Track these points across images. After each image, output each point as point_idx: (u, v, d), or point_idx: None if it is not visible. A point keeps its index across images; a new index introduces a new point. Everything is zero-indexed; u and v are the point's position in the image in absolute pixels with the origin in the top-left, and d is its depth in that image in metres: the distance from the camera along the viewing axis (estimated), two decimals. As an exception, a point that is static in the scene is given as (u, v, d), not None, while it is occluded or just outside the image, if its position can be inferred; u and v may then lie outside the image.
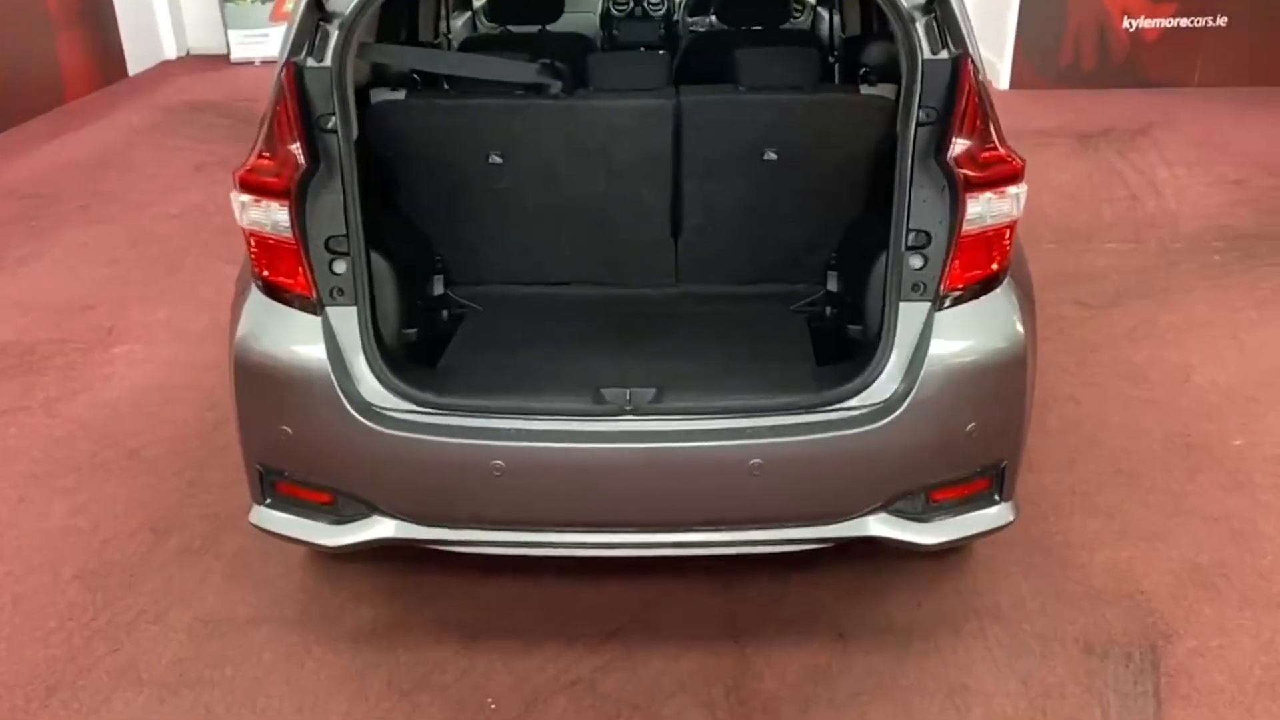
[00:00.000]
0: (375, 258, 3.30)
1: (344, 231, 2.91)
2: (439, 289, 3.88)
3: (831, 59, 4.75)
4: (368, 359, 2.93)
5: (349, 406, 2.88)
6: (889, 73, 3.92)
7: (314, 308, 2.93)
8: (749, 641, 3.34)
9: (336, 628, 3.45)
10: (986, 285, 2.94)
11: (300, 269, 2.92)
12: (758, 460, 2.81)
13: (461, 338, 3.68)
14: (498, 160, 3.56)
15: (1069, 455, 4.27)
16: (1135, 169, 7.99)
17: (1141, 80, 10.35)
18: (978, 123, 2.86)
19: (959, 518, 3.04)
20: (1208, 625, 3.40)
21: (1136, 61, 10.40)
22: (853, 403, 2.89)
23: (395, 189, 3.71)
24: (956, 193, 2.84)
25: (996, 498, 3.08)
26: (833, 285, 3.83)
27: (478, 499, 2.91)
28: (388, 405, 2.92)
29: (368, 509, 3.01)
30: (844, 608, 3.47)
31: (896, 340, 2.90)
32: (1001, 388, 2.95)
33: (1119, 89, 10.28)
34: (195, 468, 4.31)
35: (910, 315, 2.91)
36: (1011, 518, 3.07)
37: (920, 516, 3.01)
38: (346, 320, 2.94)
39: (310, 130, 2.86)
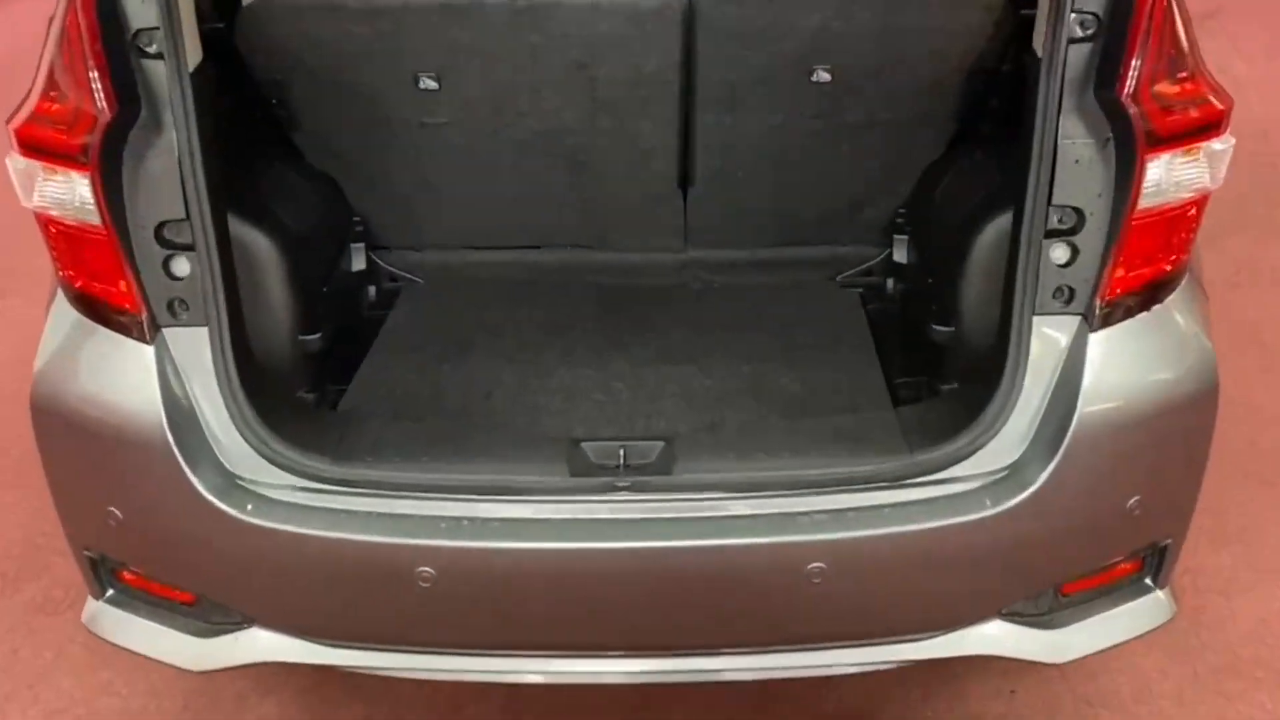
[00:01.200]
0: (252, 235, 2.28)
1: (183, 214, 1.89)
2: (359, 262, 2.85)
3: None
4: (229, 408, 1.94)
5: (198, 483, 1.90)
6: None
7: (143, 330, 1.93)
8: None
9: (232, 731, 2.56)
10: (1160, 289, 1.95)
11: (119, 273, 1.91)
12: (819, 564, 1.86)
13: (387, 337, 2.68)
14: (431, 85, 2.49)
15: (1183, 455, 3.33)
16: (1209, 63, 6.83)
17: (1202, -47, 9.02)
18: (1167, 39, 1.82)
19: (1099, 616, 2.12)
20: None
21: (1197, -69, 9.05)
22: (960, 470, 1.93)
23: (290, 124, 2.65)
24: (1132, 149, 1.82)
25: (1149, 583, 2.15)
26: (901, 254, 2.81)
27: (398, 616, 1.97)
28: (259, 479, 1.95)
29: (243, 618, 2.07)
30: (914, 700, 2.59)
31: (1029, 373, 1.91)
32: (1183, 441, 1.99)
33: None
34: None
35: (1050, 336, 1.93)
36: (1171, 613, 2.15)
37: (1044, 619, 2.08)
38: (195, 349, 1.94)
39: (120, 53, 1.83)
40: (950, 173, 2.58)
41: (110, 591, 2.17)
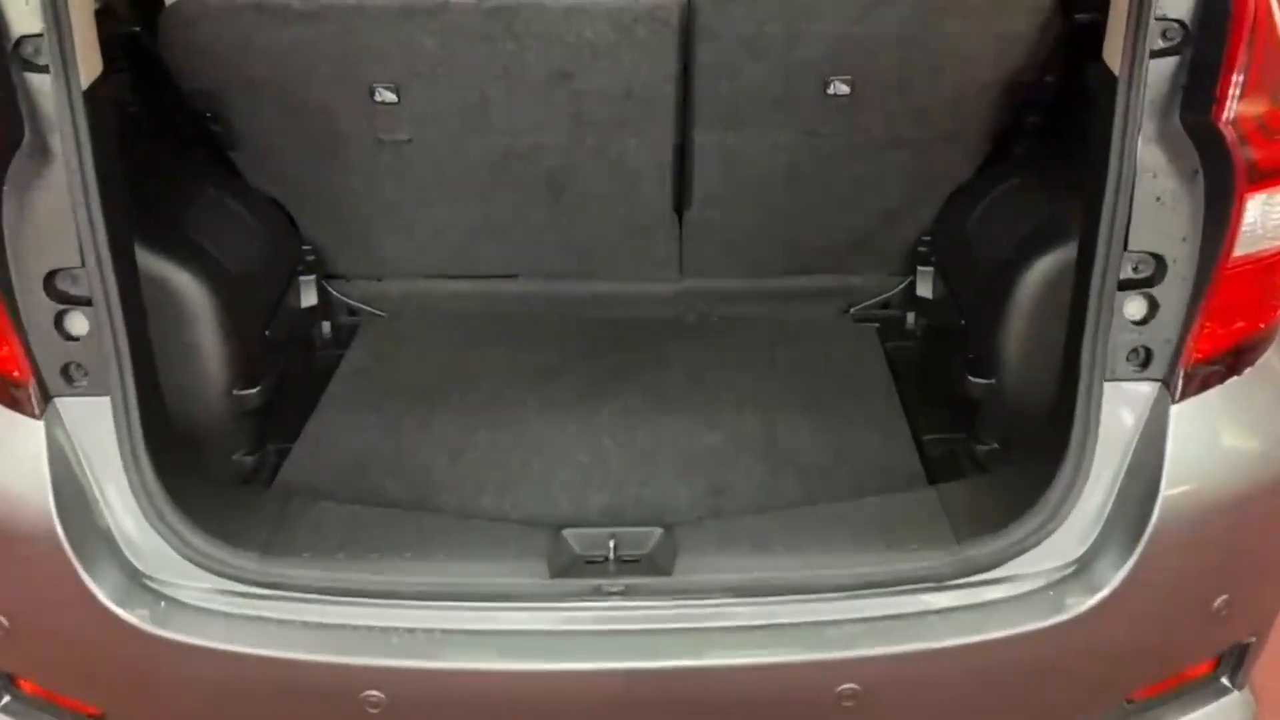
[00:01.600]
0: (177, 275, 1.96)
1: (78, 260, 1.55)
2: (309, 297, 2.51)
3: None
4: (135, 492, 1.60)
5: (93, 585, 1.57)
6: None
7: (31, 402, 1.59)
8: None
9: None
10: (1253, 349, 1.64)
11: (1, 332, 1.57)
12: (852, 685, 1.54)
13: (340, 385, 2.35)
14: (389, 96, 2.16)
15: None
16: None
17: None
18: (1271, 52, 1.51)
19: (1173, 723, 1.80)
20: None
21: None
22: (1017, 567, 1.61)
23: (227, 143, 2.30)
24: (1228, 184, 1.51)
25: (1225, 682, 1.84)
26: (925, 287, 2.49)
27: (343, 748, 1.63)
28: (172, 579, 1.61)
29: (159, 738, 1.73)
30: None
31: (1099, 449, 1.60)
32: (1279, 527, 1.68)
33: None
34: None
35: (1124, 405, 1.61)
36: (1253, 710, 1.85)
37: (1110, 730, 1.77)
38: (93, 421, 1.61)
39: None
40: (985, 199, 2.26)
41: (6, 699, 1.82)
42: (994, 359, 2.03)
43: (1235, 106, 1.50)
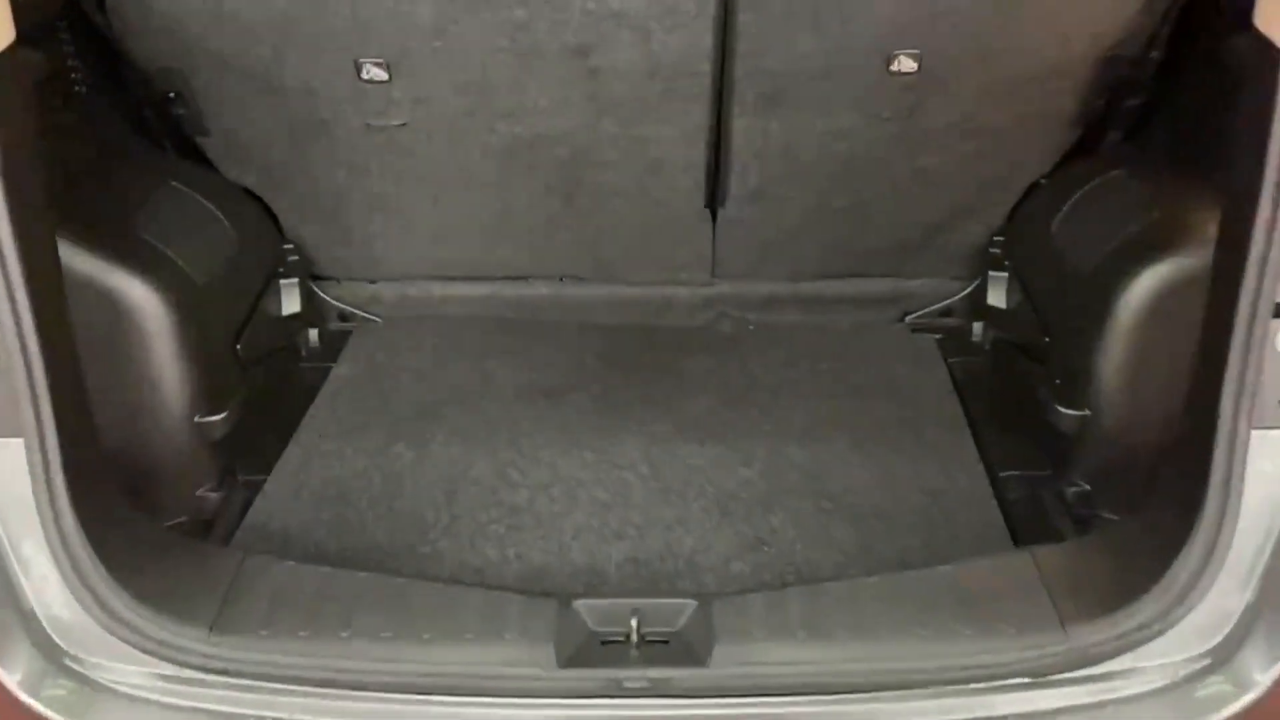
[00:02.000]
0: (127, 285, 1.67)
1: None
2: (291, 303, 2.22)
3: None
4: (55, 553, 1.31)
5: (1, 670, 1.28)
6: None
7: (-77, 444, 1.31)
8: None
9: None
10: None
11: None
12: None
13: (324, 407, 2.06)
14: (379, 74, 1.86)
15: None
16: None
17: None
18: None
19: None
20: None
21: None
22: (1139, 659, 1.30)
23: (194, 128, 2.01)
24: None
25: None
26: (998, 295, 2.17)
27: None
28: (101, 661, 1.32)
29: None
30: None
31: (1243, 513, 1.28)
32: None
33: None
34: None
35: (1274, 461, 1.29)
36: None
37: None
38: (3, 467, 1.31)
39: None
40: (1075, 195, 1.93)
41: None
42: (1088, 386, 1.71)
43: None
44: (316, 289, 2.32)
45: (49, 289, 1.33)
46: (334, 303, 2.34)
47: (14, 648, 1.30)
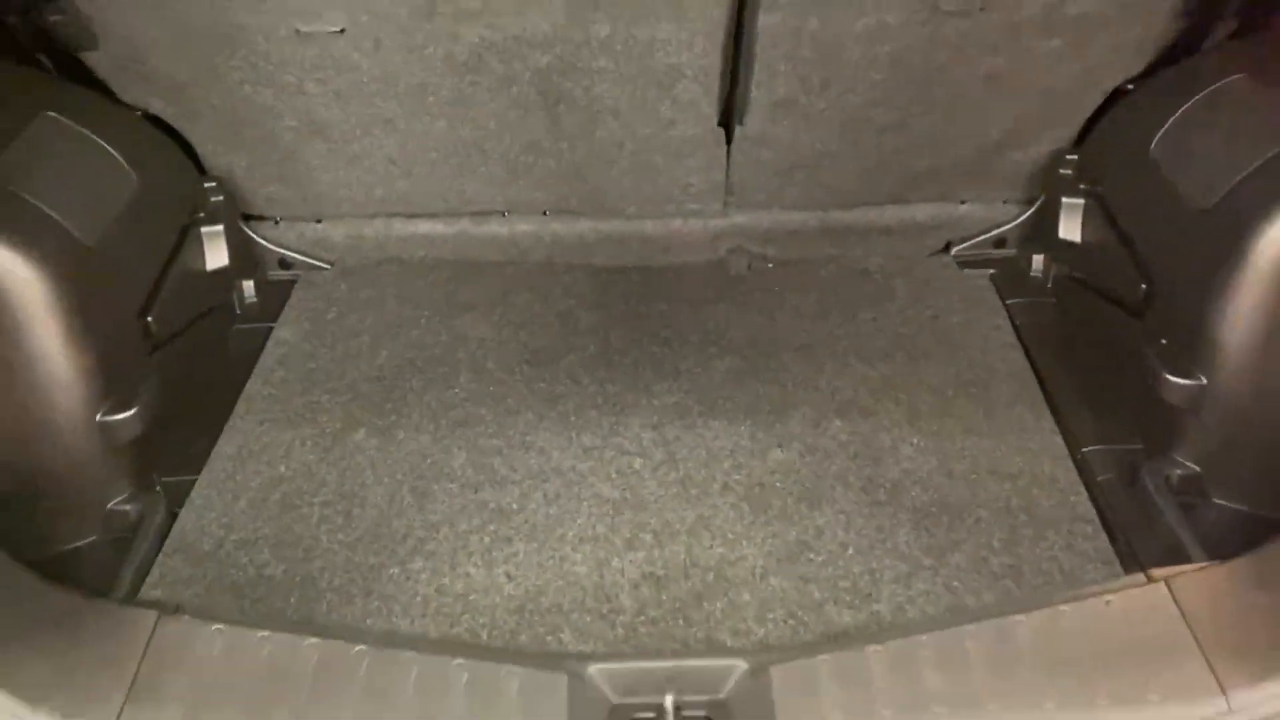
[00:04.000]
0: None
1: None
2: (217, 255, 1.83)
3: None
4: None
5: None
6: None
7: None
8: None
9: None
10: None
11: None
12: None
13: (258, 388, 1.71)
14: None
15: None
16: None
17: None
18: None
19: None
20: None
21: None
22: None
23: (78, 43, 1.59)
24: None
25: None
26: (1071, 228, 1.82)
27: None
28: None
29: None
30: None
31: None
32: None
33: None
34: None
35: None
36: None
37: None
38: None
39: None
40: (1184, 106, 1.56)
41: None
42: (1206, 349, 1.39)
43: None
44: (250, 231, 1.93)
45: None
46: (272, 248, 1.96)
47: None
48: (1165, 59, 1.68)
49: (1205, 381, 1.41)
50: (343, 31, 1.56)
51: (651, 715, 1.06)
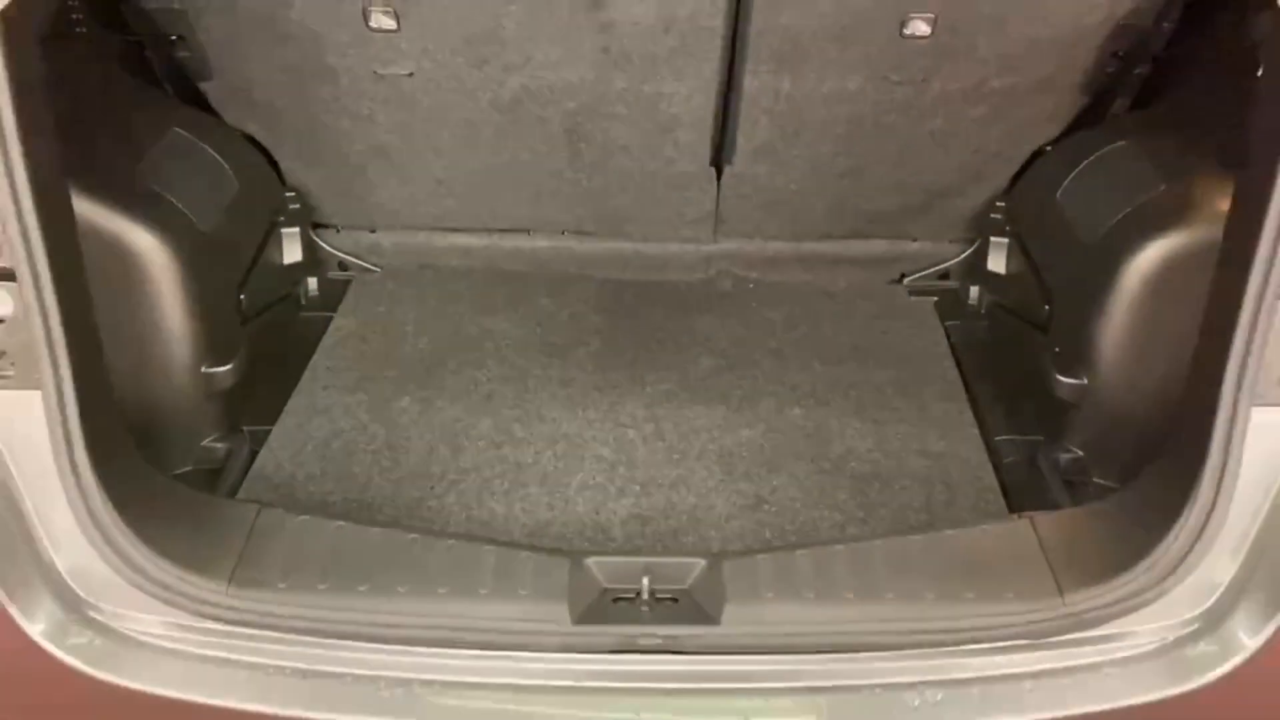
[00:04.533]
0: (134, 234, 1.67)
1: None
2: (293, 252, 2.21)
3: None
4: (75, 506, 1.32)
5: (24, 620, 1.31)
6: None
7: (-61, 397, 1.31)
8: None
9: None
10: None
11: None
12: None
13: (326, 358, 2.06)
14: (387, 23, 1.83)
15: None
16: None
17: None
18: None
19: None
20: None
21: None
22: (1133, 623, 1.35)
23: (198, 73, 1.98)
24: None
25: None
26: (998, 260, 2.19)
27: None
28: (120, 611, 1.34)
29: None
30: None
31: (1238, 486, 1.32)
32: None
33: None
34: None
35: (1273, 437, 1.33)
36: None
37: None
38: (18, 420, 1.32)
39: None
40: (1082, 164, 1.94)
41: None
42: (1088, 355, 1.75)
43: None
44: (316, 238, 2.31)
45: (64, 240, 1.32)
46: (333, 251, 2.33)
47: (36, 599, 1.32)
48: (1074, 127, 2.05)
49: (1087, 381, 1.77)
50: (411, 75, 1.94)
51: (632, 596, 1.39)
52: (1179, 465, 1.37)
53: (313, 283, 2.30)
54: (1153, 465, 1.44)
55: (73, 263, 1.34)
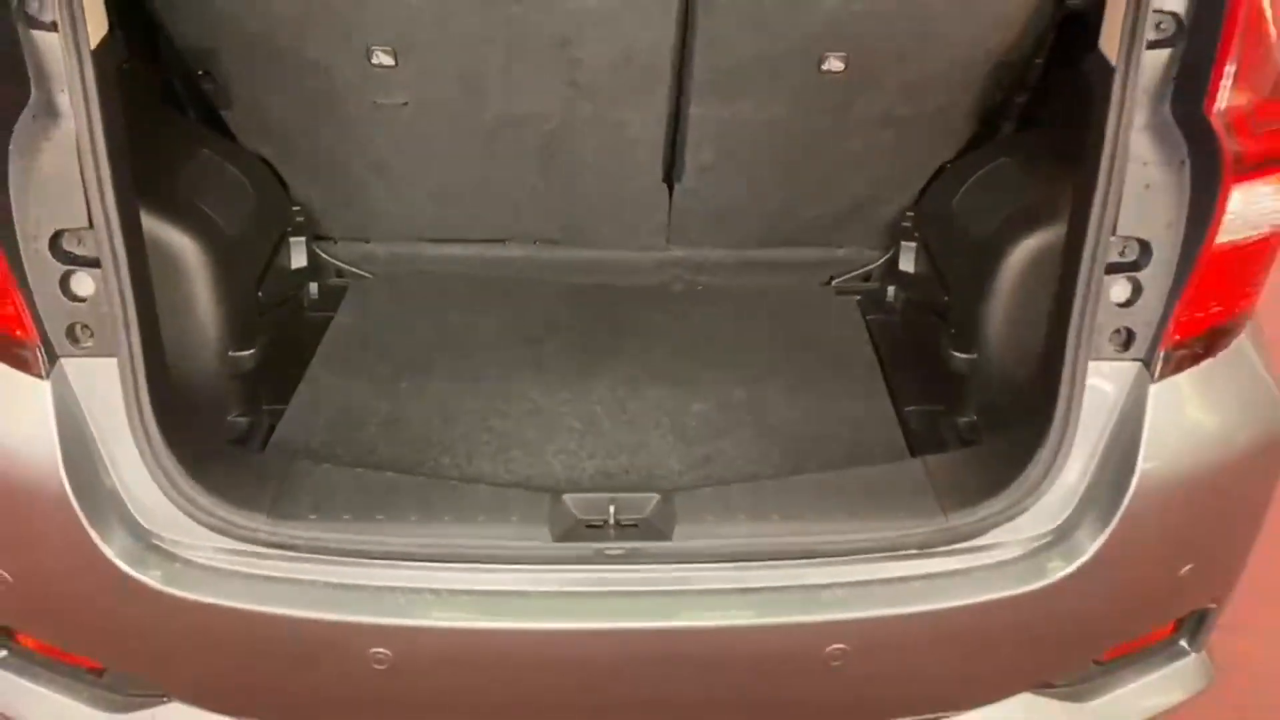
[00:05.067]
0: (172, 235, 1.95)
1: (86, 221, 1.55)
2: (299, 258, 2.51)
3: None
4: (143, 454, 1.62)
5: (103, 546, 1.59)
6: None
7: (37, 362, 1.59)
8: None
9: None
10: (1227, 333, 1.72)
11: (6, 292, 1.57)
12: (841, 646, 1.62)
13: (331, 346, 2.36)
14: (386, 61, 2.15)
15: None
16: None
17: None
18: (1261, 48, 1.57)
19: (1134, 685, 1.91)
20: None
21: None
22: (999, 536, 1.69)
23: (220, 102, 2.29)
24: (1214, 174, 1.57)
25: (1185, 645, 1.95)
26: (908, 262, 2.55)
27: (348, 703, 1.68)
28: (180, 539, 1.63)
29: (161, 691, 1.77)
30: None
31: (1080, 425, 1.67)
32: (1245, 501, 1.77)
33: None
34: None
35: (1105, 385, 1.68)
36: (1208, 680, 1.95)
37: (1076, 690, 1.87)
38: (100, 383, 1.62)
39: (3, 26, 1.46)
40: (971, 178, 2.31)
41: (3, 653, 1.84)
42: (977, 335, 2.10)
43: (1226, 99, 1.55)
44: (316, 248, 2.61)
45: (135, 237, 1.62)
46: (331, 260, 2.63)
47: (113, 531, 1.60)
48: (969, 147, 2.42)
49: (977, 356, 2.12)
50: (405, 104, 2.26)
51: (600, 523, 1.70)
52: (1036, 412, 1.72)
53: (314, 287, 2.61)
54: (1017, 412, 1.79)
55: (140, 256, 1.64)
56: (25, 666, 1.83)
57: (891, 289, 2.64)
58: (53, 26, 1.48)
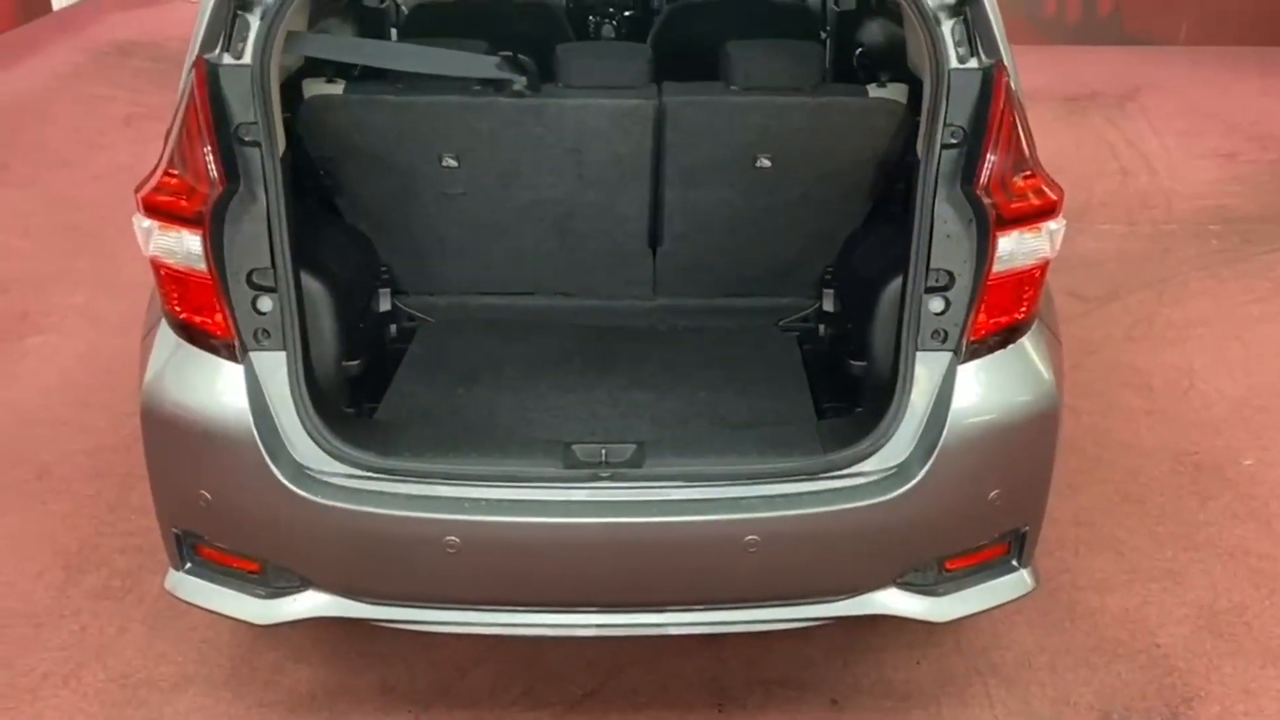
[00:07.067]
0: (309, 280, 2.85)
1: (269, 264, 2.46)
2: (384, 304, 3.43)
3: (823, 36, 4.28)
4: (300, 415, 2.49)
5: (277, 473, 2.45)
6: (887, 56, 3.51)
7: (235, 353, 2.49)
8: (734, 709, 3.02)
9: (271, 692, 3.07)
10: (1014, 332, 2.57)
11: (218, 308, 2.47)
12: (754, 537, 2.45)
13: (409, 366, 3.25)
14: (452, 164, 3.10)
15: (1071, 478, 3.94)
16: (1125, 139, 7.63)
17: (1126, 37, 9.97)
18: (1014, 146, 2.45)
19: (974, 589, 2.71)
20: (1231, 685, 3.12)
21: (1121, 16, 10.04)
22: (863, 467, 2.52)
23: (334, 192, 3.24)
24: (987, 228, 2.44)
25: (1015, 564, 2.75)
26: (829, 304, 3.43)
27: (429, 578, 2.52)
28: (323, 469, 2.50)
29: (301, 582, 2.61)
30: (836, 667, 3.15)
31: (913, 395, 2.52)
32: (1030, 450, 2.59)
33: (1102, 46, 9.90)
34: (115, 488, 3.85)
35: (929, 367, 2.54)
36: (1031, 585, 2.75)
37: (931, 589, 2.67)
38: (274, 368, 2.50)
39: (227, 143, 2.39)
40: (865, 240, 3.22)
41: (189, 564, 2.70)
42: (867, 348, 2.96)
43: (989, 180, 2.44)
44: (395, 300, 3.53)
45: (295, 278, 2.53)
46: (405, 308, 3.55)
47: (283, 463, 2.46)
48: (869, 219, 3.32)
49: (867, 364, 2.98)
50: (464, 193, 3.20)
51: (596, 463, 2.54)
52: (886, 389, 2.58)
53: (393, 327, 3.51)
54: (878, 390, 2.65)
55: (298, 286, 2.55)
56: (206, 572, 2.68)
57: (821, 327, 3.51)
58: (255, 144, 2.42)
